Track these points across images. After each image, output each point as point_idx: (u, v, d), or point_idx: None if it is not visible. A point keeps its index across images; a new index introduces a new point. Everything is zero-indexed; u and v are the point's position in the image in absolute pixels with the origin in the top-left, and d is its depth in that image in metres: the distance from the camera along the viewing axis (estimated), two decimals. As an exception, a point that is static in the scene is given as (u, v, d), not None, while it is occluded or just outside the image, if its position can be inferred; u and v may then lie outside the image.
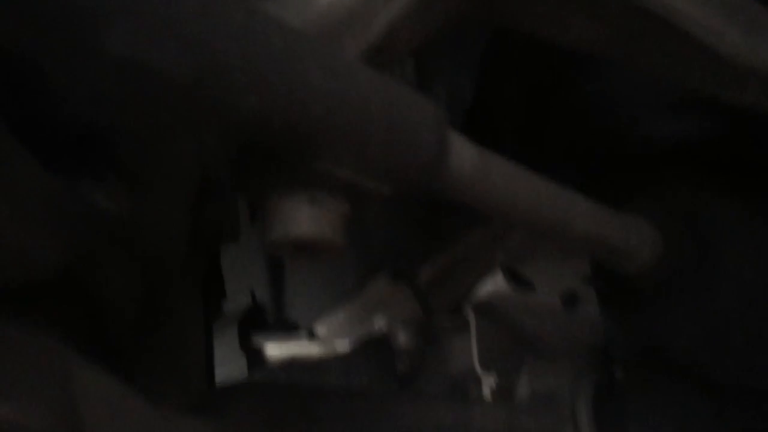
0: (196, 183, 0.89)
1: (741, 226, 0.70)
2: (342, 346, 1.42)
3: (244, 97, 0.38)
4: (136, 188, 0.78)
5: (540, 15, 0.64)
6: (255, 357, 1.50)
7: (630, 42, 0.62)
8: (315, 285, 1.45)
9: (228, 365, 1.50)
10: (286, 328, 1.48)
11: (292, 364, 1.47)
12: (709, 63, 0.58)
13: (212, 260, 1.57)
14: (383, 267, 1.29)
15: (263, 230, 0.46)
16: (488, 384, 1.21)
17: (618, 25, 0.60)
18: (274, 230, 0.45)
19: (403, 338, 1.32)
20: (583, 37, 0.64)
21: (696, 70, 0.59)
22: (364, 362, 1.34)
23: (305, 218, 0.46)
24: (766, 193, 0.77)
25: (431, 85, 1.03)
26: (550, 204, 0.58)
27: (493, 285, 1.26)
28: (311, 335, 1.44)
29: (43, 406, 0.46)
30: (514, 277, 1.24)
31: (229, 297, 1.58)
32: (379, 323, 1.34)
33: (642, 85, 0.82)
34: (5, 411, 0.45)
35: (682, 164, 0.82)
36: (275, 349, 1.50)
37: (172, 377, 1.01)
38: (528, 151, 0.96)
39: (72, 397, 0.49)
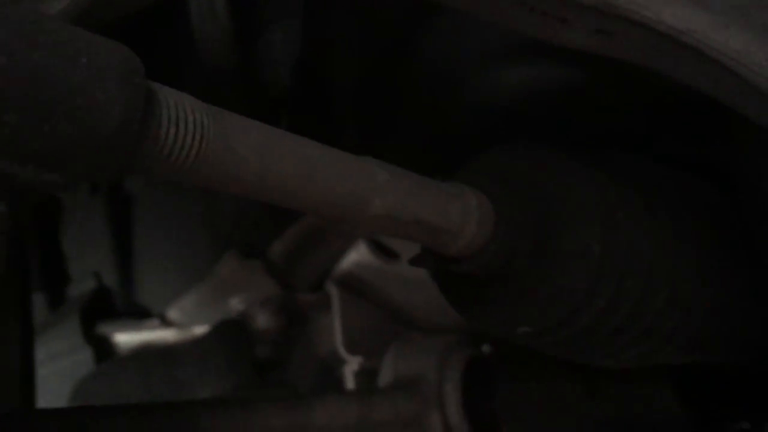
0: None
1: (586, 194, 0.59)
2: (198, 331, 1.28)
3: None
4: None
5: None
6: (102, 347, 1.34)
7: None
8: (165, 266, 1.30)
9: (72, 357, 1.34)
10: (136, 314, 1.33)
11: (144, 353, 1.32)
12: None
13: (50, 238, 1.40)
14: (233, 243, 1.15)
15: None
16: (351, 368, 1.09)
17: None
18: None
19: (261, 320, 1.19)
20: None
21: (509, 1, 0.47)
22: (220, 348, 1.20)
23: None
24: (616, 160, 0.67)
25: (263, 26, 0.89)
26: (331, 178, 0.45)
27: (357, 255, 1.14)
28: (164, 321, 1.29)
29: None
30: (378, 247, 1.12)
31: (72, 281, 1.41)
32: (236, 304, 1.20)
33: (484, 34, 0.70)
34: None
35: (522, 125, 0.72)
36: (125, 337, 1.34)
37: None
38: (364, 106, 0.83)
39: None
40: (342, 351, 1.11)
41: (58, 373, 1.30)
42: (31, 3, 0.48)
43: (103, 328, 1.34)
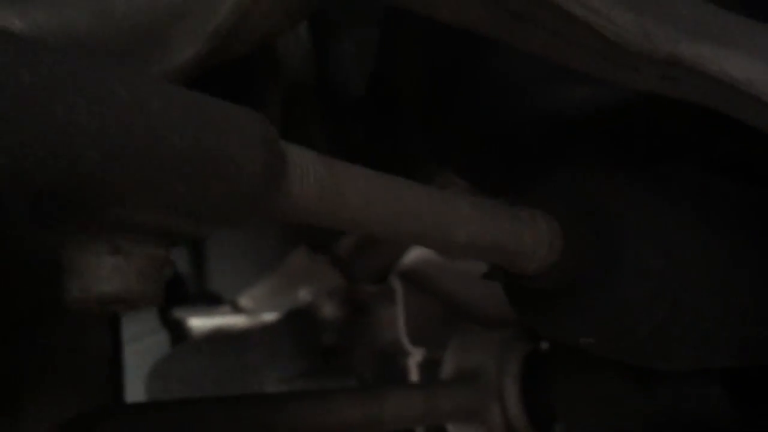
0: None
1: (646, 213, 0.63)
2: (268, 318, 1.36)
3: None
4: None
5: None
6: (177, 330, 1.44)
7: (512, 23, 0.54)
8: (236, 256, 1.38)
9: (149, 339, 1.43)
10: (209, 300, 1.42)
11: (215, 337, 1.41)
12: (598, 45, 0.50)
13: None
14: (302, 237, 1.22)
15: (63, 286, 0.39)
16: (415, 359, 1.16)
17: (493, 4, 0.52)
18: (72, 287, 0.38)
19: (328, 309, 1.26)
20: (463, 17, 0.56)
21: (584, 51, 0.52)
22: (288, 335, 1.28)
23: (108, 271, 0.38)
24: (672, 175, 0.71)
25: (335, 41, 0.94)
26: (422, 214, 0.51)
27: (419, 252, 1.20)
28: (235, 308, 1.37)
29: None
30: (440, 243, 1.18)
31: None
32: (304, 294, 1.28)
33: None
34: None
35: (583, 144, 0.76)
36: (198, 322, 1.43)
37: (66, 382, 0.94)
38: (430, 124, 0.88)
39: None
40: (406, 342, 1.18)
41: (137, 354, 1.39)
42: (158, 57, 0.55)
43: (178, 313, 1.43)
